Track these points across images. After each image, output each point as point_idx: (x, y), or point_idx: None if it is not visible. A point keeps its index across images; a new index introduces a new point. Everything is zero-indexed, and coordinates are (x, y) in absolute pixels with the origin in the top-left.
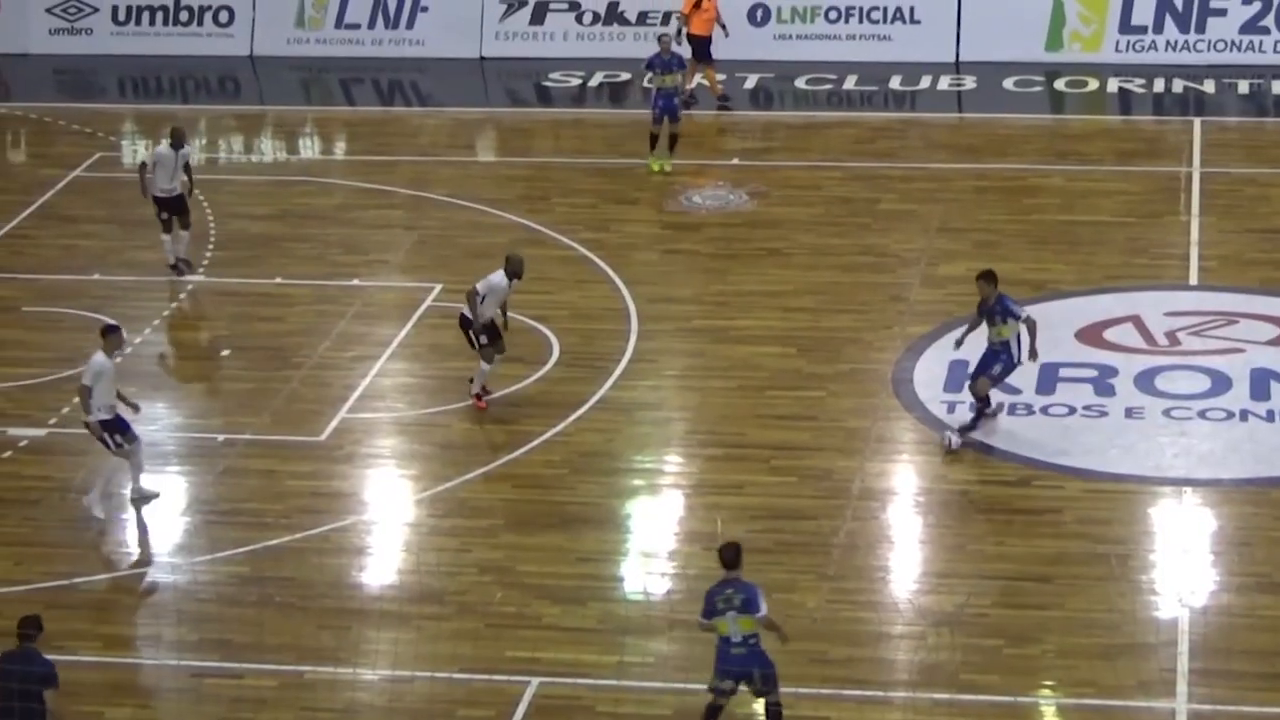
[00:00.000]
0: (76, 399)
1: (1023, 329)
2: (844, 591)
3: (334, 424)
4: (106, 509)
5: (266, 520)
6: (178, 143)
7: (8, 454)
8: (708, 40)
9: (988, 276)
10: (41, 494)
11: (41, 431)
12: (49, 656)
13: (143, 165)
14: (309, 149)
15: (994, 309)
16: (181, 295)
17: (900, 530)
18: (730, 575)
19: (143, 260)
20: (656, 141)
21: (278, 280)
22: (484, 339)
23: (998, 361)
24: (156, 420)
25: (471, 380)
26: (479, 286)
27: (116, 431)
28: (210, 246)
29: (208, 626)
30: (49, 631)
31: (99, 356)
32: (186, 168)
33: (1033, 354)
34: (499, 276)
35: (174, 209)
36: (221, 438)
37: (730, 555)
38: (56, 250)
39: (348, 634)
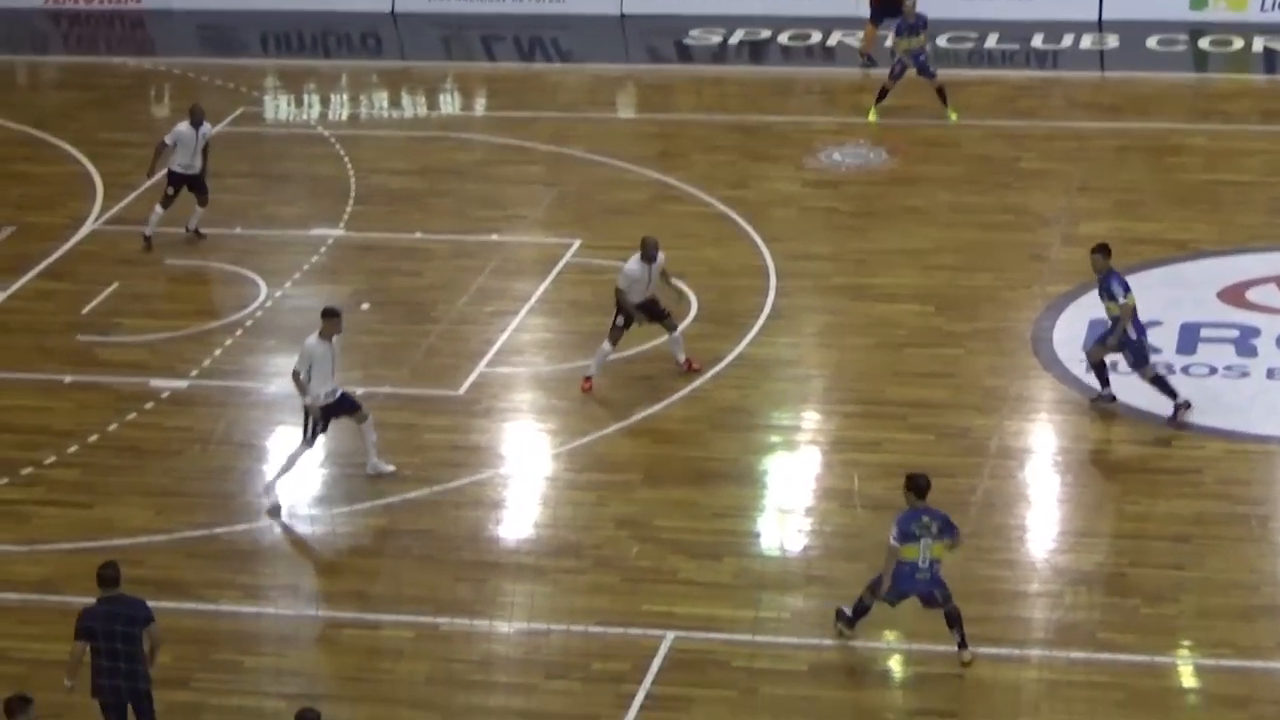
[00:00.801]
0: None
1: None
2: (980, 550)
3: (472, 378)
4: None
5: (405, 473)
6: (197, 120)
7: (149, 405)
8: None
9: (1100, 250)
10: (182, 445)
11: (183, 383)
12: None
13: (161, 144)
14: (449, 105)
15: (1100, 284)
16: (321, 250)
17: (1037, 489)
18: (921, 504)
19: (283, 215)
20: (885, 95)
21: (417, 235)
22: (646, 320)
23: (1111, 333)
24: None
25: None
26: (619, 281)
27: (334, 415)
28: (351, 201)
29: (346, 578)
30: (189, 580)
31: (311, 340)
32: (205, 148)
33: (1117, 345)
34: (631, 262)
35: (193, 186)
36: (360, 391)
37: (923, 484)
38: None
39: (484, 586)
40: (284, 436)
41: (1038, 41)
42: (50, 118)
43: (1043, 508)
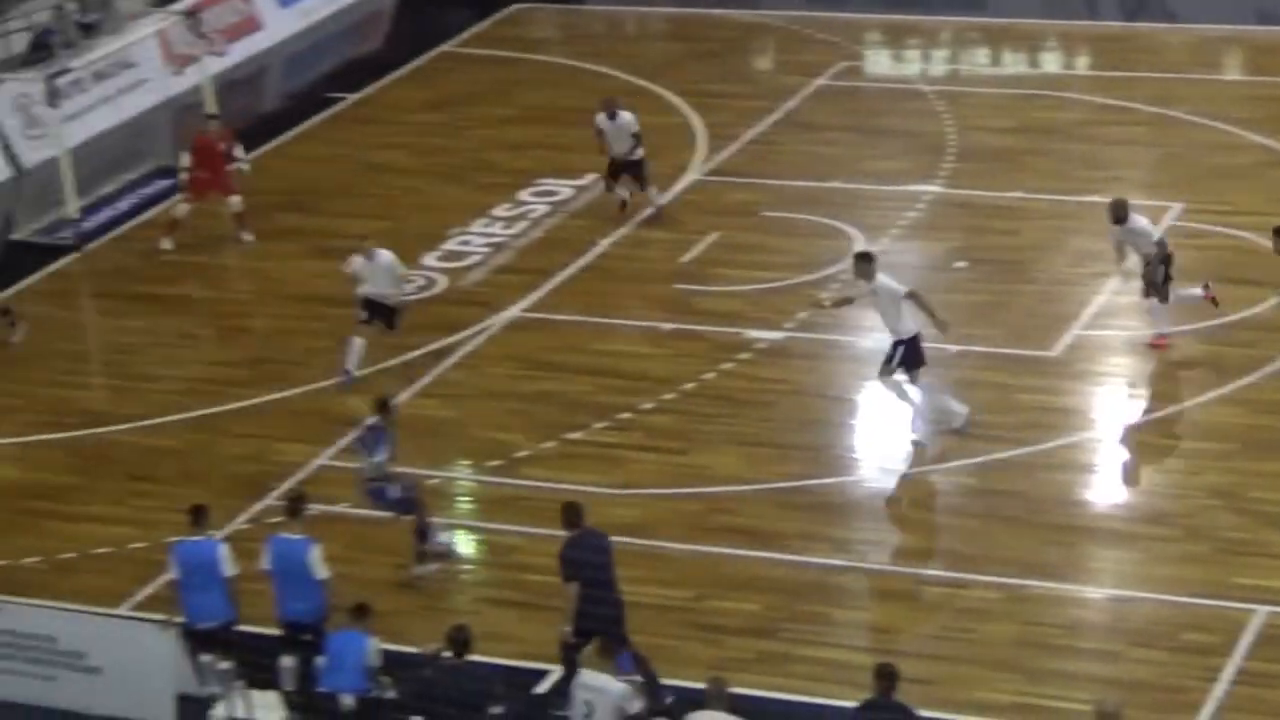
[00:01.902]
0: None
1: None
2: None
3: (1067, 340)
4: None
5: (996, 433)
6: (611, 113)
7: (744, 355)
8: None
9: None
10: (776, 396)
11: (778, 335)
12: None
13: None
14: (1050, 63)
15: None
16: (918, 205)
17: None
18: None
19: (883, 169)
20: None
21: (1017, 194)
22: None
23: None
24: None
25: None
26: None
27: (907, 359)
28: (949, 158)
29: (934, 535)
30: (779, 530)
31: (880, 278)
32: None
33: None
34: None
35: (628, 170)
36: (954, 349)
37: None
38: (798, 156)
39: (1072, 550)
40: (877, 391)
41: None
42: (656, 68)
43: None
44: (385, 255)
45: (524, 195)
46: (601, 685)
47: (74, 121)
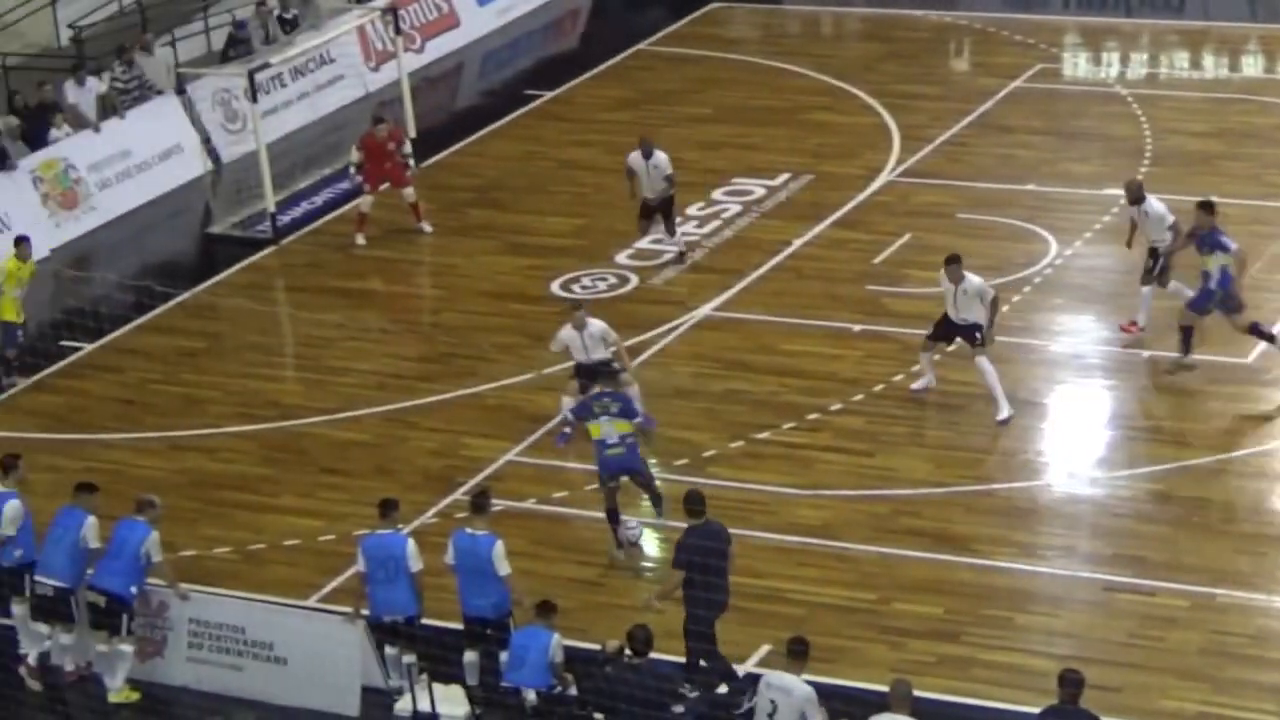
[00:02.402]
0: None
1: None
2: None
3: (1261, 347)
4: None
5: (1187, 440)
6: (647, 152)
7: (935, 358)
8: None
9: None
10: (965, 399)
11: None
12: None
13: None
14: (1250, 67)
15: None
16: (1113, 209)
17: None
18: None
19: (1077, 173)
20: None
21: (1213, 199)
22: None
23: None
24: (1082, 333)
25: None
26: None
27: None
28: (1146, 161)
29: (1122, 541)
30: (965, 534)
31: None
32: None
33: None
34: None
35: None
36: (1146, 354)
37: None
38: (992, 159)
39: (1264, 560)
40: (1067, 395)
41: None
42: (851, 69)
43: None
44: (596, 325)
45: (717, 194)
46: (787, 686)
47: (272, 117)
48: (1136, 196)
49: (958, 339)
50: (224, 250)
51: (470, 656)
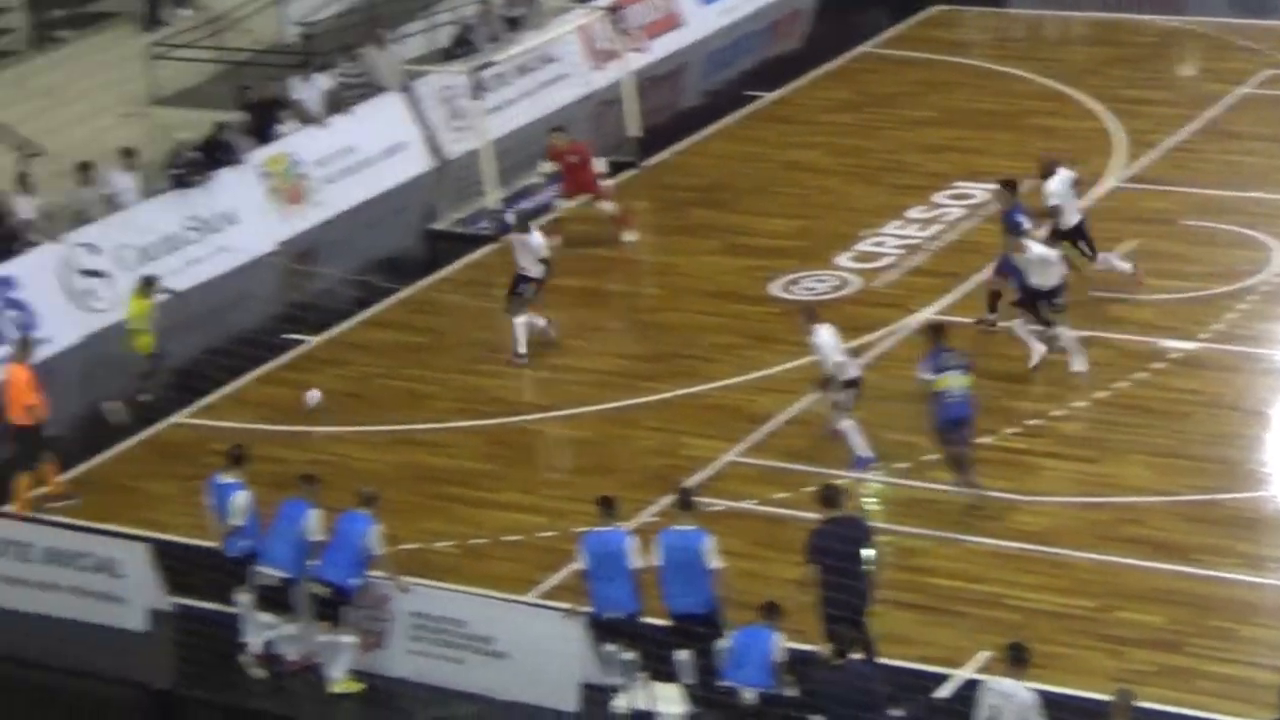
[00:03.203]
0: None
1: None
2: None
3: None
4: None
5: None
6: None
7: (1158, 365)
8: None
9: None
10: (1190, 407)
11: (1193, 345)
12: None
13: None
14: None
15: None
16: None
17: None
18: None
19: None
20: None
21: None
22: None
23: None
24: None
25: None
26: None
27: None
28: None
29: None
30: (1188, 544)
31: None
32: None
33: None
34: None
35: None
36: None
37: None
38: (1218, 165)
39: None
40: None
41: None
42: (1076, 73)
43: None
44: (824, 332)
45: (939, 198)
46: (1009, 691)
47: (495, 114)
48: (1047, 172)
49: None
50: (446, 246)
51: (682, 655)
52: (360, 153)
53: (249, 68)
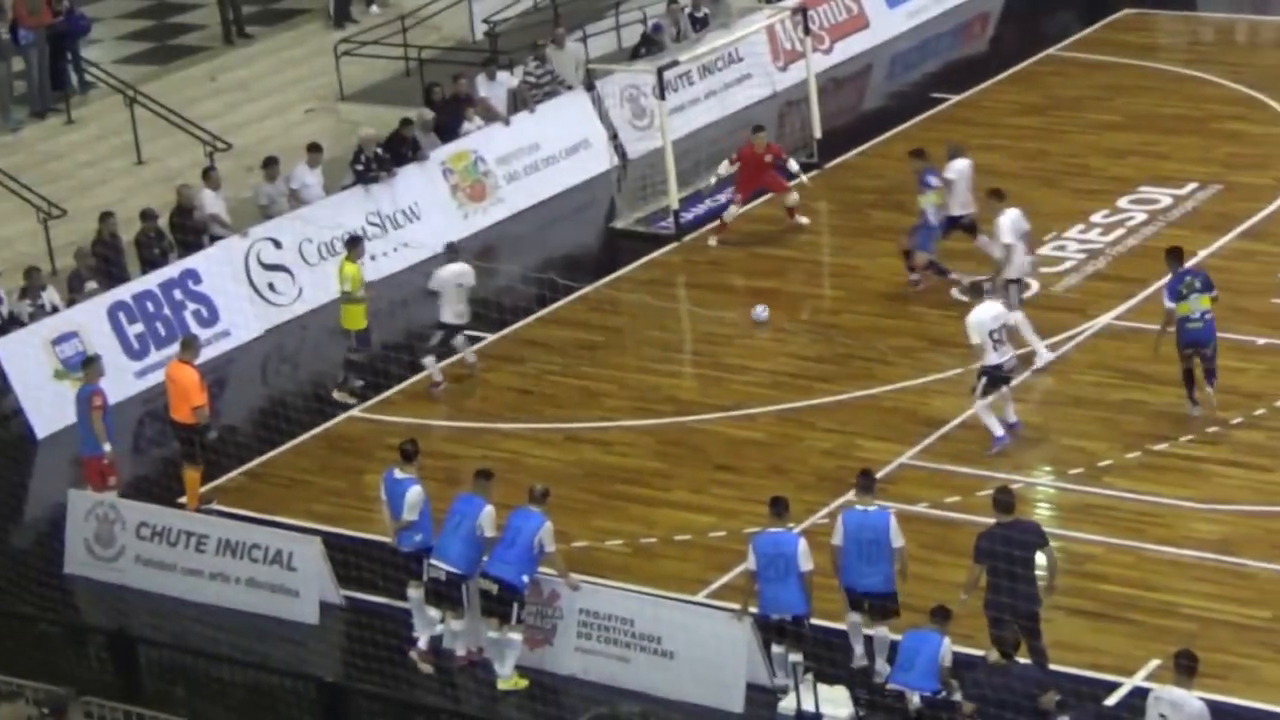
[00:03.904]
0: None
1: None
2: None
3: None
4: None
5: None
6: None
7: None
8: None
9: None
10: None
11: None
12: None
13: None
14: None
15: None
16: None
17: None
18: None
19: None
20: None
21: None
22: None
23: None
24: None
25: None
26: None
27: None
28: None
29: None
30: None
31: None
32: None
33: None
34: None
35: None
36: None
37: None
38: None
39: None
40: None
41: None
42: (1266, 78)
43: None
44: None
45: (1122, 202)
46: (1178, 701)
47: (679, 114)
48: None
49: None
50: (627, 245)
51: (855, 618)
52: (543, 151)
53: (435, 65)
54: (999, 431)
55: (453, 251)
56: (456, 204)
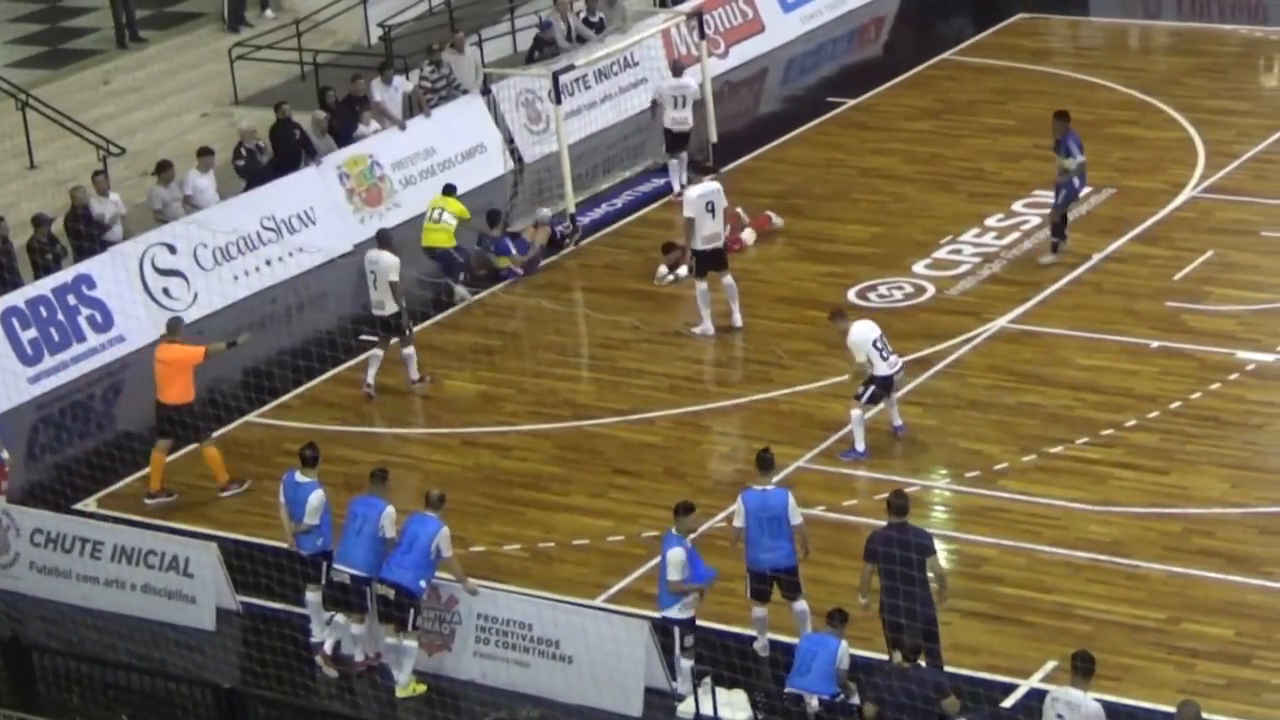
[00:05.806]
0: None
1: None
2: None
3: None
4: None
5: None
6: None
7: (1234, 376)
8: None
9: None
10: (1265, 419)
11: (1270, 357)
12: None
13: None
14: None
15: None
16: None
17: None
18: None
19: None
20: None
21: None
22: None
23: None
24: None
25: None
26: None
27: None
28: None
29: None
30: (1259, 556)
31: None
32: None
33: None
34: None
35: None
36: None
37: None
38: None
39: None
40: None
41: None
42: (1157, 82)
43: None
44: (857, 328)
45: (1017, 206)
46: (1075, 702)
47: (575, 118)
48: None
49: None
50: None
51: (760, 612)
52: (439, 155)
53: (330, 69)
54: (861, 447)
55: (385, 240)
56: (352, 208)
